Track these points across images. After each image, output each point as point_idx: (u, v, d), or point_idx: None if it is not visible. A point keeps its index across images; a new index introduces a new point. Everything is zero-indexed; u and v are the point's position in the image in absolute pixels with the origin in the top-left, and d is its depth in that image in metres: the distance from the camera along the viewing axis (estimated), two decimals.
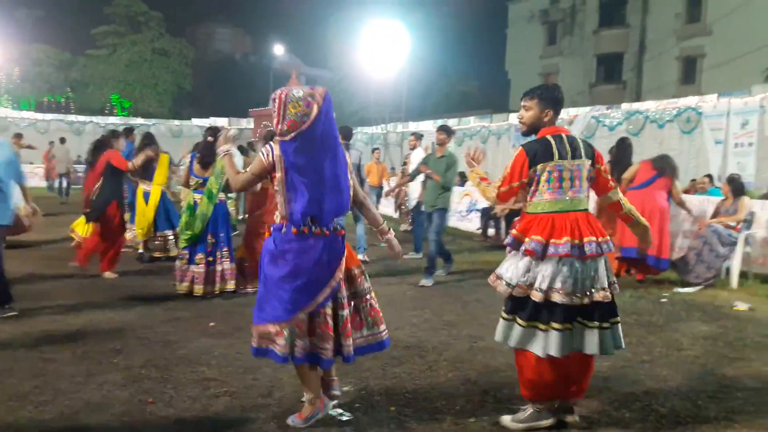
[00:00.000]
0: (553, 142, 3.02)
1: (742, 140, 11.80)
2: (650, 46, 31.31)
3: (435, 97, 37.19)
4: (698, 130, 12.15)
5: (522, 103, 3.18)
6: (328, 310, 2.95)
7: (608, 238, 3.00)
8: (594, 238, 2.93)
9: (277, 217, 3.01)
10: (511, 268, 3.02)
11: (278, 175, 2.89)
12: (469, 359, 4.19)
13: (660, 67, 30.37)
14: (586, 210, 3.05)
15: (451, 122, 19.64)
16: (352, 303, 3.05)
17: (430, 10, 37.24)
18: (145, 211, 7.56)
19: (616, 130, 13.19)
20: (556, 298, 2.89)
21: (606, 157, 7.69)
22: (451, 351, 4.37)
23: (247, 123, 26.10)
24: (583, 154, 3.05)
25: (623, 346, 3.06)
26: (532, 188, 3.05)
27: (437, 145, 7.15)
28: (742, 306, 5.83)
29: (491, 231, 10.80)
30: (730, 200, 7.20)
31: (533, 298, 2.93)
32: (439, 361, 4.14)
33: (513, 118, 17.89)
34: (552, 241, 2.93)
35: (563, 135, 3.07)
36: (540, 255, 2.93)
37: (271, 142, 2.94)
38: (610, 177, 3.21)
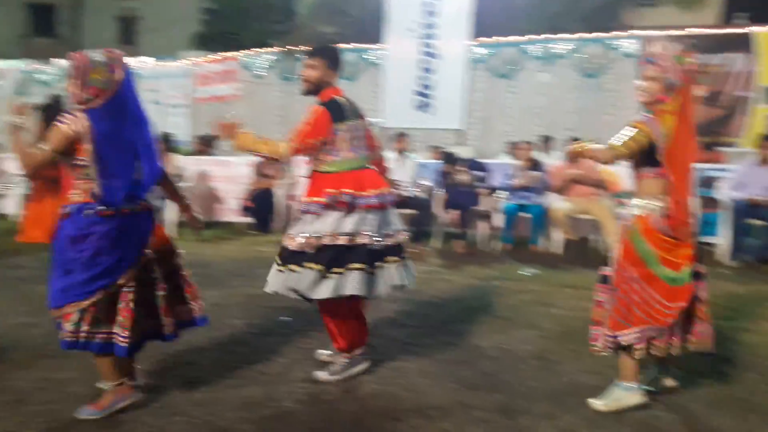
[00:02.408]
0: (343, 103, 3.22)
1: (177, 102, 12.86)
2: (88, 1, 30.38)
3: None
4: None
5: (306, 61, 3.24)
6: (131, 295, 2.75)
7: (390, 189, 3.36)
8: (385, 190, 3.26)
9: (76, 195, 2.70)
10: (319, 223, 3.12)
11: (86, 147, 2.62)
12: None
13: (99, 25, 29.84)
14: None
15: None
16: (170, 281, 2.91)
17: None
18: None
19: (54, 87, 12.49)
20: (363, 241, 3.11)
21: (37, 115, 7.30)
22: None
23: None
24: (361, 115, 3.32)
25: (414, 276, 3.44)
26: (329, 147, 3.17)
27: None
28: None
29: None
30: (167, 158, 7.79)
31: (341, 242, 3.09)
32: None
33: None
34: (360, 193, 3.14)
35: (345, 97, 3.27)
36: (352, 206, 3.12)
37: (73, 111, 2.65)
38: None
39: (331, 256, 3.10)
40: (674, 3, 16.90)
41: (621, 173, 7.20)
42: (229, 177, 8.43)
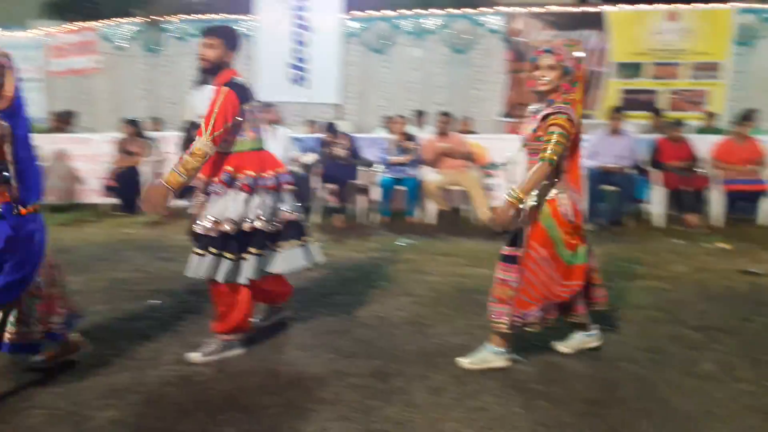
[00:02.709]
0: (245, 84, 3.17)
1: (29, 75, 11.77)
2: None
3: None
4: None
5: (204, 40, 3.16)
6: (45, 290, 2.82)
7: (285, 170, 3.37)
8: (282, 170, 3.28)
9: None
10: (233, 206, 3.08)
11: (7, 150, 2.53)
12: None
13: None
14: None
15: None
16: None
17: None
18: None
19: None
20: (260, 225, 3.11)
21: None
22: None
23: None
24: (255, 96, 3.25)
25: (319, 260, 3.48)
26: (237, 127, 3.11)
27: None
28: None
29: None
30: None
31: (244, 229, 3.09)
32: None
33: None
34: (261, 175, 3.14)
35: (242, 78, 3.21)
36: (253, 189, 3.10)
37: None
38: None
39: (231, 242, 3.08)
40: None
41: (488, 146, 7.56)
42: (90, 155, 7.89)
